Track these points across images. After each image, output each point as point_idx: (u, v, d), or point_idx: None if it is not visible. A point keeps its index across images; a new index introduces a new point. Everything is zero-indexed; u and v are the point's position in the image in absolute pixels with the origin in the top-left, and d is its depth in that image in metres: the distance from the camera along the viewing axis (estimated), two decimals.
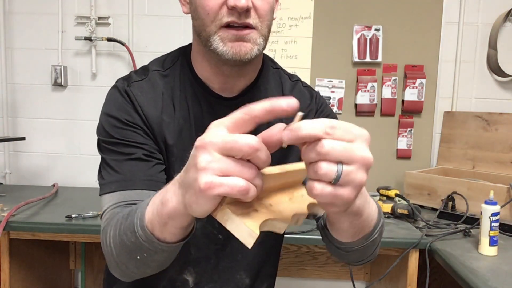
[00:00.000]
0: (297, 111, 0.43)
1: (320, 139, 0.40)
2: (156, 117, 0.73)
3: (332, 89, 2.17)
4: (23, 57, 2.20)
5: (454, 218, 1.67)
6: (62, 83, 2.17)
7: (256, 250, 0.83)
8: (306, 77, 2.16)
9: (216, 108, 0.76)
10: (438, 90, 2.18)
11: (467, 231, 1.50)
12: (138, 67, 2.35)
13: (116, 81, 0.78)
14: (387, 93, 2.16)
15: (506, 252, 1.35)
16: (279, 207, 0.47)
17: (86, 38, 2.11)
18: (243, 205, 0.44)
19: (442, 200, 1.74)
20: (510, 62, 2.14)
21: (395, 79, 2.15)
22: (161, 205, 0.49)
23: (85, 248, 2.03)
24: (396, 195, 1.78)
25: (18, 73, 2.21)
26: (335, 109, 2.17)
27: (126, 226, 0.56)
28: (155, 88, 0.75)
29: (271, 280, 0.92)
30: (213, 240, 0.79)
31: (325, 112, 0.87)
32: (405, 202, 1.72)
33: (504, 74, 2.12)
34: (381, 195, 1.82)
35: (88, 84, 2.21)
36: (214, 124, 0.42)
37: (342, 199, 0.41)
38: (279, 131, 0.42)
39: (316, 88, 2.16)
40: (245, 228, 0.42)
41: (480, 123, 1.98)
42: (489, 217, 1.30)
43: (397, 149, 2.20)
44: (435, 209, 1.76)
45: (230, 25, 0.66)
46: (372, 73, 2.15)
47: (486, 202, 1.33)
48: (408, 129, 2.17)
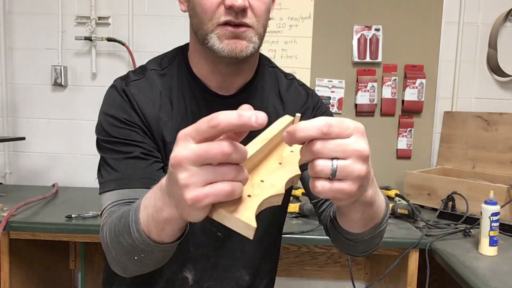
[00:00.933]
0: (265, 127, 0.43)
1: (316, 139, 0.41)
2: (154, 115, 0.74)
3: (332, 89, 2.17)
4: (23, 57, 2.20)
5: (454, 218, 1.67)
6: (62, 83, 2.17)
7: (255, 247, 0.84)
8: (306, 77, 2.16)
9: (213, 106, 0.76)
10: (438, 90, 2.18)
11: (467, 231, 1.50)
12: None
13: (114, 81, 0.78)
14: (387, 93, 2.16)
15: (506, 252, 1.35)
16: (271, 179, 0.48)
17: (86, 38, 2.11)
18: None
19: (442, 200, 1.74)
20: (510, 62, 2.14)
21: (395, 79, 2.15)
22: (156, 212, 0.50)
23: (85, 248, 2.03)
24: (396, 195, 1.78)
25: (18, 73, 2.21)
26: (335, 109, 2.17)
27: (122, 228, 0.56)
28: (153, 87, 0.76)
29: (271, 275, 0.93)
30: (213, 238, 0.80)
31: (321, 109, 0.88)
32: (405, 202, 1.72)
33: (504, 74, 2.12)
34: None
35: (88, 84, 2.21)
36: (180, 136, 0.42)
37: (343, 193, 0.43)
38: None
39: (316, 88, 2.16)
40: (242, 223, 0.43)
41: (480, 123, 1.98)
42: (489, 217, 1.30)
43: (397, 149, 2.20)
44: (435, 209, 1.76)
45: (227, 23, 0.67)
46: (372, 73, 2.15)
47: (486, 202, 1.33)
48: (408, 129, 2.17)
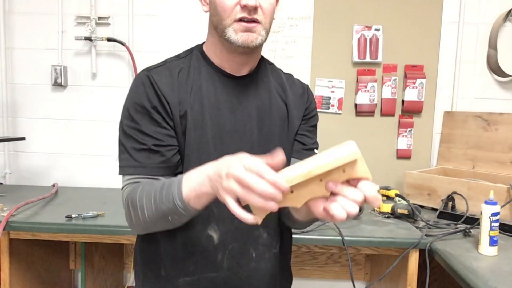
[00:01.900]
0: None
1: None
2: (172, 94, 0.88)
3: (332, 89, 2.17)
4: (23, 57, 2.20)
5: (454, 218, 1.67)
6: (62, 83, 2.17)
7: None
8: (306, 77, 2.16)
9: (227, 84, 0.93)
10: (438, 90, 2.18)
11: (467, 231, 1.50)
12: (138, 67, 2.37)
13: (139, 72, 0.93)
14: (387, 93, 2.16)
15: (506, 252, 1.35)
16: (300, 192, 0.65)
17: (86, 38, 2.11)
18: None
19: (442, 200, 1.74)
20: (510, 62, 2.14)
21: (395, 79, 2.15)
22: (199, 187, 0.72)
23: (85, 248, 2.02)
24: (396, 195, 1.78)
25: (18, 73, 2.21)
26: (335, 109, 2.17)
27: (163, 197, 0.76)
28: (172, 71, 0.91)
29: (287, 234, 1.03)
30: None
31: (312, 106, 1.03)
32: (405, 202, 1.72)
33: (504, 74, 2.12)
34: (381, 195, 1.82)
35: (88, 84, 2.21)
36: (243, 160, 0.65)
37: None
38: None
39: (316, 88, 2.17)
40: (256, 214, 0.65)
41: (480, 123, 1.98)
42: (489, 217, 1.30)
43: (397, 149, 2.20)
44: (435, 209, 1.76)
45: (242, 19, 0.84)
46: (372, 73, 2.15)
47: (486, 202, 1.33)
48: (408, 129, 2.17)
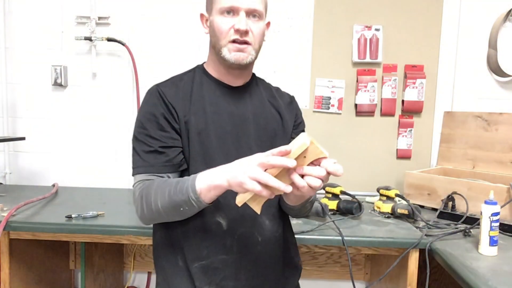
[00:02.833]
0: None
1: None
2: (178, 103, 1.04)
3: (332, 89, 2.17)
4: (23, 57, 2.20)
5: (454, 218, 1.67)
6: (62, 83, 2.17)
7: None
8: (306, 77, 2.16)
9: (226, 93, 1.09)
10: (438, 90, 2.18)
11: (467, 231, 1.50)
12: (138, 67, 2.36)
13: (150, 88, 1.08)
14: (387, 93, 2.16)
15: (506, 252, 1.35)
16: (280, 180, 0.80)
17: (86, 38, 2.11)
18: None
19: (442, 200, 1.74)
20: (510, 62, 2.15)
21: (395, 79, 2.15)
22: (211, 181, 0.87)
23: (85, 248, 2.02)
24: (396, 195, 1.77)
25: (18, 73, 2.21)
26: (335, 109, 2.17)
27: (178, 190, 0.91)
28: (177, 84, 1.08)
29: (287, 221, 1.17)
30: (235, 193, 0.97)
31: (300, 119, 1.21)
32: (405, 202, 1.72)
33: (504, 74, 2.12)
34: (381, 195, 1.82)
35: (88, 84, 2.21)
36: (257, 159, 0.82)
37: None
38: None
39: (316, 88, 2.17)
40: (254, 208, 0.85)
41: (480, 123, 1.98)
42: (489, 217, 1.30)
43: (397, 149, 2.20)
44: (435, 209, 1.76)
45: (235, 41, 1.01)
46: (372, 73, 2.15)
47: (486, 202, 1.33)
48: (408, 129, 2.17)
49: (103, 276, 2.09)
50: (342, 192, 1.77)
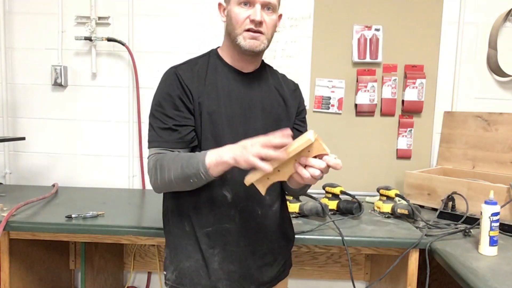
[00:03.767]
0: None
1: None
2: (193, 86, 1.12)
3: (332, 89, 2.17)
4: (23, 57, 2.20)
5: (454, 218, 1.67)
6: (62, 83, 2.17)
7: None
8: (306, 77, 2.16)
9: (237, 78, 1.18)
10: (438, 90, 2.18)
11: (467, 231, 1.50)
12: (138, 67, 2.36)
13: (167, 69, 1.16)
14: (387, 93, 2.16)
15: (506, 252, 1.35)
16: (284, 170, 0.96)
17: (86, 38, 2.11)
18: (264, 175, 0.96)
19: (442, 200, 1.74)
20: (510, 62, 2.15)
21: (395, 79, 2.15)
22: (220, 157, 0.97)
23: (85, 248, 2.02)
24: (396, 195, 1.77)
25: (18, 73, 2.21)
26: (335, 109, 2.17)
27: (190, 163, 1.01)
28: (192, 68, 1.16)
29: (282, 198, 1.29)
30: (242, 170, 1.04)
31: (302, 106, 1.33)
32: (405, 202, 1.72)
33: (504, 74, 2.12)
34: (381, 195, 1.82)
35: (88, 84, 2.21)
36: (259, 141, 0.94)
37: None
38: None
39: (316, 88, 2.17)
40: (260, 189, 0.98)
41: (480, 123, 1.98)
42: (489, 217, 1.30)
43: (397, 149, 2.20)
44: (435, 209, 1.76)
45: (249, 30, 1.10)
46: (372, 73, 2.15)
47: (486, 202, 1.33)
48: (408, 129, 2.17)
49: (103, 276, 2.09)
50: (342, 192, 1.78)
